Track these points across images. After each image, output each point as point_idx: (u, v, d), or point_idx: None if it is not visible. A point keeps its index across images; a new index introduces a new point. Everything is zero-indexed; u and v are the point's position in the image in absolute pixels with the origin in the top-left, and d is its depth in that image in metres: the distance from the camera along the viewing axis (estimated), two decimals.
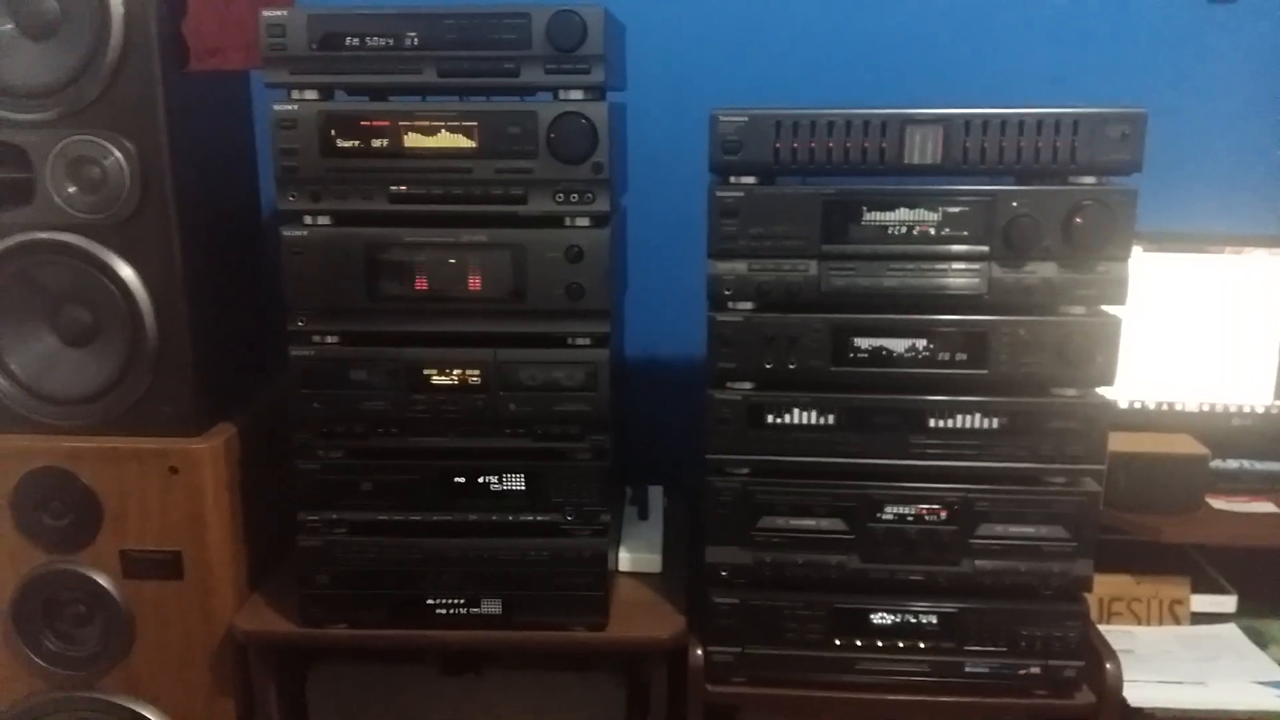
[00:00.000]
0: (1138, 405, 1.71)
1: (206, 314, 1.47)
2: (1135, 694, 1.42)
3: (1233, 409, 1.72)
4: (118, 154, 1.36)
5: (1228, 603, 1.65)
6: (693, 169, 1.64)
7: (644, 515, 1.69)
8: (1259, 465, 1.72)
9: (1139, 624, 1.64)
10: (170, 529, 1.44)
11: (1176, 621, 1.64)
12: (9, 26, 1.36)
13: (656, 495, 1.76)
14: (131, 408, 1.44)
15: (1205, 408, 1.72)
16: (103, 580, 1.46)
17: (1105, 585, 1.61)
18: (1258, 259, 1.67)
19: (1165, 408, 1.72)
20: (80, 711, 1.51)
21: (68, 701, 1.51)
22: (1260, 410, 1.71)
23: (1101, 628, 1.55)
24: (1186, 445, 1.63)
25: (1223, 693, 1.45)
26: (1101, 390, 1.34)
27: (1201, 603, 1.65)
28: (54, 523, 1.45)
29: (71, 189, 1.38)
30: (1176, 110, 1.70)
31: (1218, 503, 1.63)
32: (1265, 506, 1.62)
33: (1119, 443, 1.59)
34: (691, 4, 1.76)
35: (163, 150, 1.37)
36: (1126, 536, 1.58)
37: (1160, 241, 1.66)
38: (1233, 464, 1.71)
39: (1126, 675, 1.41)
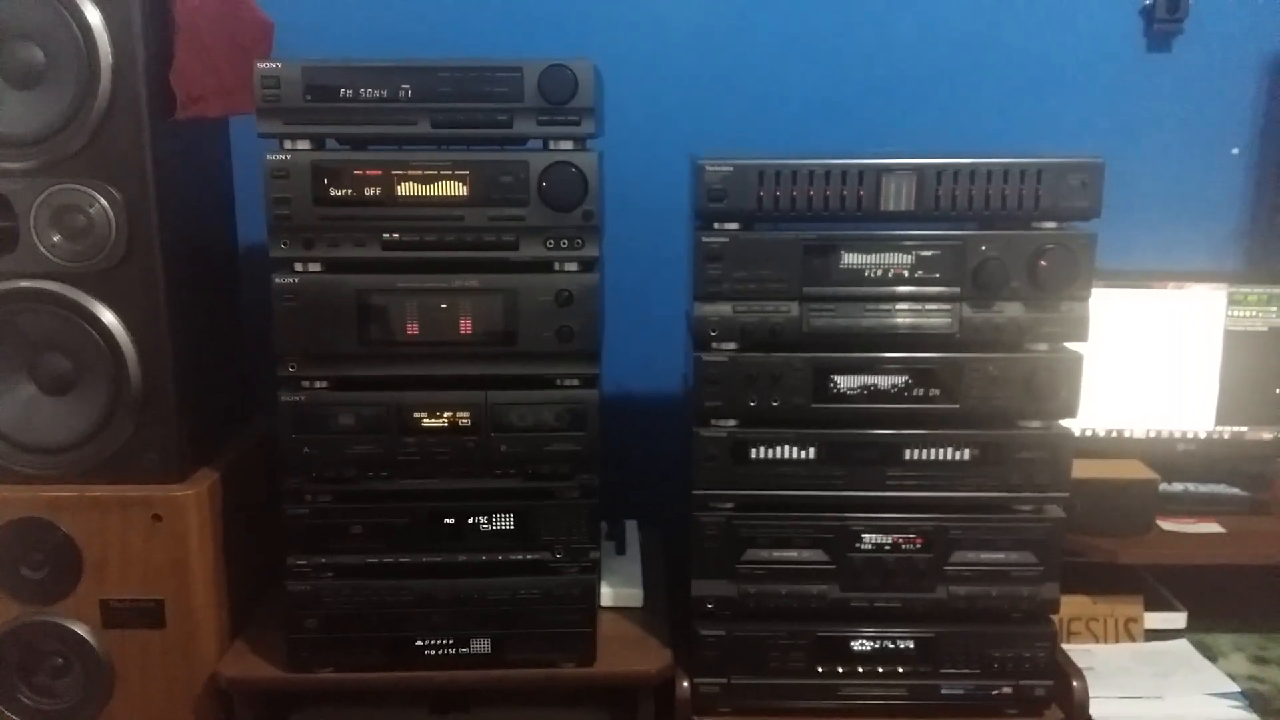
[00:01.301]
0: (1089, 433, 1.80)
1: (189, 360, 1.47)
2: (1099, 710, 1.49)
3: (1177, 434, 1.81)
4: (104, 202, 1.36)
5: (1178, 619, 1.74)
6: (663, 211, 1.71)
7: (621, 550, 1.72)
8: (1203, 488, 1.81)
9: (1097, 642, 1.72)
10: (153, 577, 1.43)
11: (1131, 639, 1.72)
12: None
13: (632, 529, 1.79)
14: (113, 455, 1.43)
15: (1151, 434, 1.81)
16: (82, 631, 1.44)
17: (1065, 606, 1.65)
18: (1197, 293, 1.77)
19: (1115, 434, 1.81)
20: None
21: None
22: (1203, 435, 1.81)
23: (1065, 647, 1.62)
24: (1137, 470, 1.71)
25: (1179, 705, 1.53)
26: (1065, 422, 1.41)
27: (1154, 620, 1.73)
28: (32, 574, 1.43)
29: (56, 237, 1.37)
30: (1119, 155, 1.81)
31: (1167, 524, 1.72)
32: (1211, 526, 1.71)
33: (1075, 469, 1.67)
34: (664, 52, 1.82)
35: (150, 197, 1.38)
36: (1084, 559, 1.66)
37: (1107, 278, 1.75)
38: (1178, 487, 1.80)
39: (1092, 694, 1.49)
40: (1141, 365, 1.78)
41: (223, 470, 1.51)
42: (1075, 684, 1.47)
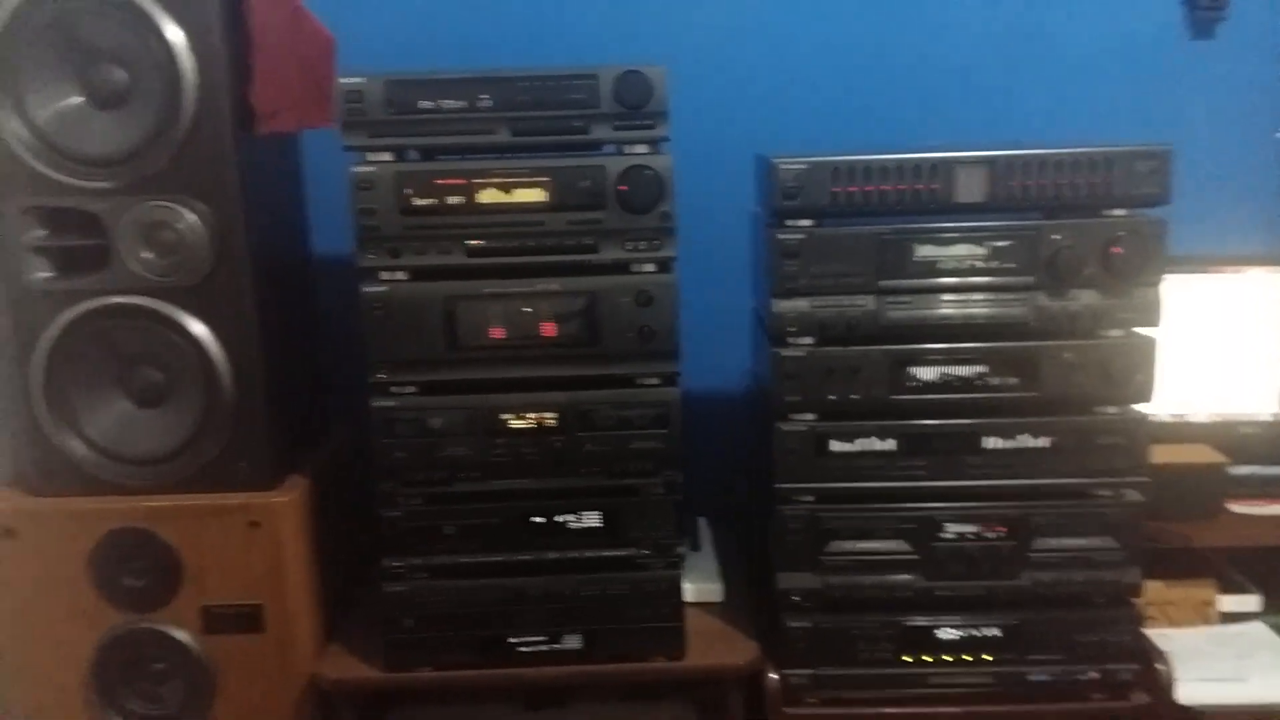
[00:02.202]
0: (1187, 419, 1.80)
1: (278, 368, 1.51)
2: (1183, 693, 1.49)
3: (1241, 418, 1.82)
4: (192, 217, 1.40)
5: (1253, 602, 1.74)
6: (723, 211, 1.73)
7: (696, 546, 1.74)
8: (1269, 469, 1.82)
9: (1173, 627, 1.72)
10: (251, 583, 1.47)
11: (1206, 622, 1.72)
12: (79, 99, 1.40)
13: (704, 526, 1.81)
14: (208, 465, 1.47)
15: (1215, 418, 1.82)
16: (184, 637, 1.48)
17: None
18: (1255, 277, 1.78)
19: (1179, 419, 1.82)
20: None
21: None
22: (1267, 418, 1.81)
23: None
24: (1205, 455, 1.72)
25: (1265, 687, 1.53)
26: (1140, 406, 1.42)
27: (1228, 603, 1.73)
28: (134, 583, 1.47)
29: (145, 253, 1.41)
30: (1180, 140, 1.83)
31: (1237, 507, 1.72)
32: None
33: (1159, 454, 1.68)
34: (724, 55, 1.85)
35: (236, 211, 1.41)
36: (1158, 545, 1.67)
37: (1173, 264, 1.76)
38: (1245, 469, 1.80)
39: (1175, 677, 1.50)
40: (1203, 349, 1.79)
41: (312, 476, 1.55)
42: (1159, 667, 1.48)
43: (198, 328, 1.44)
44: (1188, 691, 1.50)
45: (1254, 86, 1.87)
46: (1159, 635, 1.66)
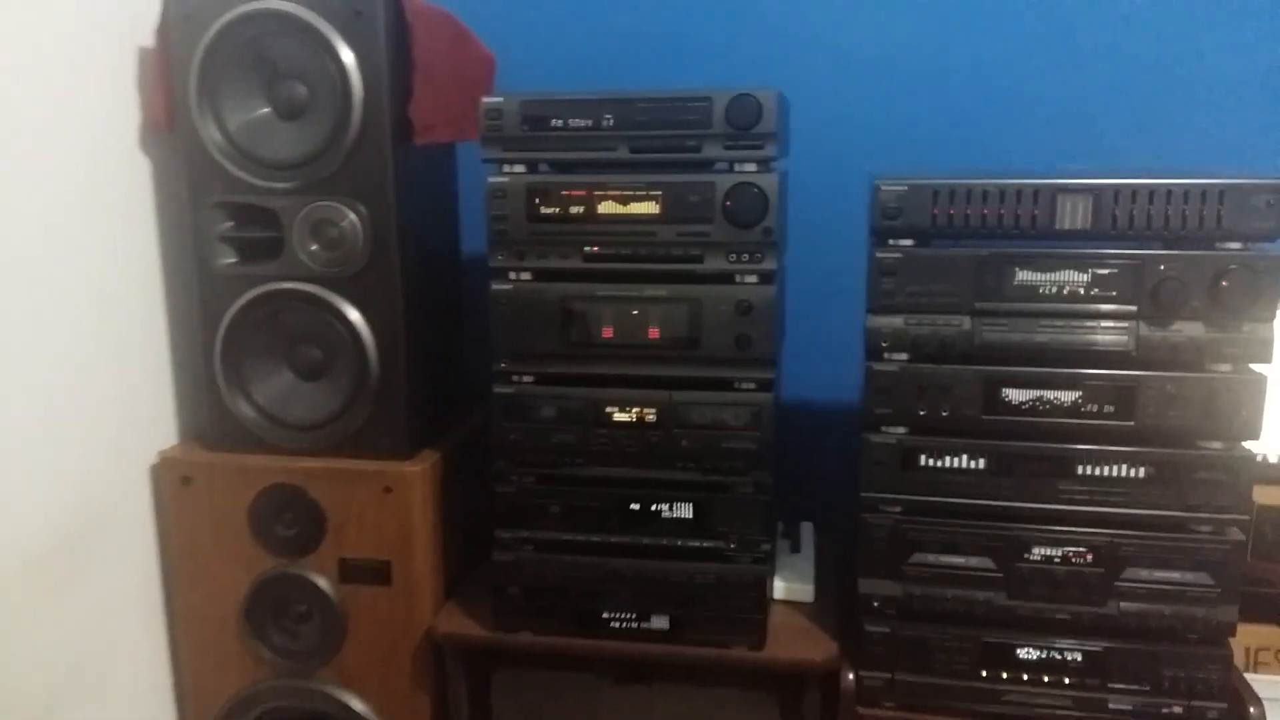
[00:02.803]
0: (1275, 459, 1.74)
1: (420, 354, 1.68)
2: None
3: None
4: (354, 217, 1.59)
5: None
6: (846, 228, 1.79)
7: (796, 548, 1.81)
8: None
9: None
10: (382, 541, 1.65)
11: None
12: (267, 110, 1.61)
13: (808, 530, 1.88)
14: (353, 434, 1.66)
15: None
16: (323, 583, 1.67)
17: (1252, 635, 1.65)
18: None
19: None
20: (299, 700, 1.72)
21: (289, 690, 1.72)
22: None
23: (1249, 675, 1.59)
24: None
25: None
26: (1248, 444, 1.40)
27: None
28: (285, 532, 1.67)
29: (313, 246, 1.61)
30: None
31: None
32: None
33: (1266, 496, 1.63)
34: (848, 78, 1.90)
35: (391, 213, 1.59)
36: (1272, 589, 1.62)
37: None
38: None
39: None
40: None
41: (444, 451, 1.72)
42: (1252, 710, 1.45)
43: (353, 314, 1.63)
44: None
45: None
46: (1268, 682, 1.62)
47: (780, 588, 1.70)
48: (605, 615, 1.57)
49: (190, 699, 1.78)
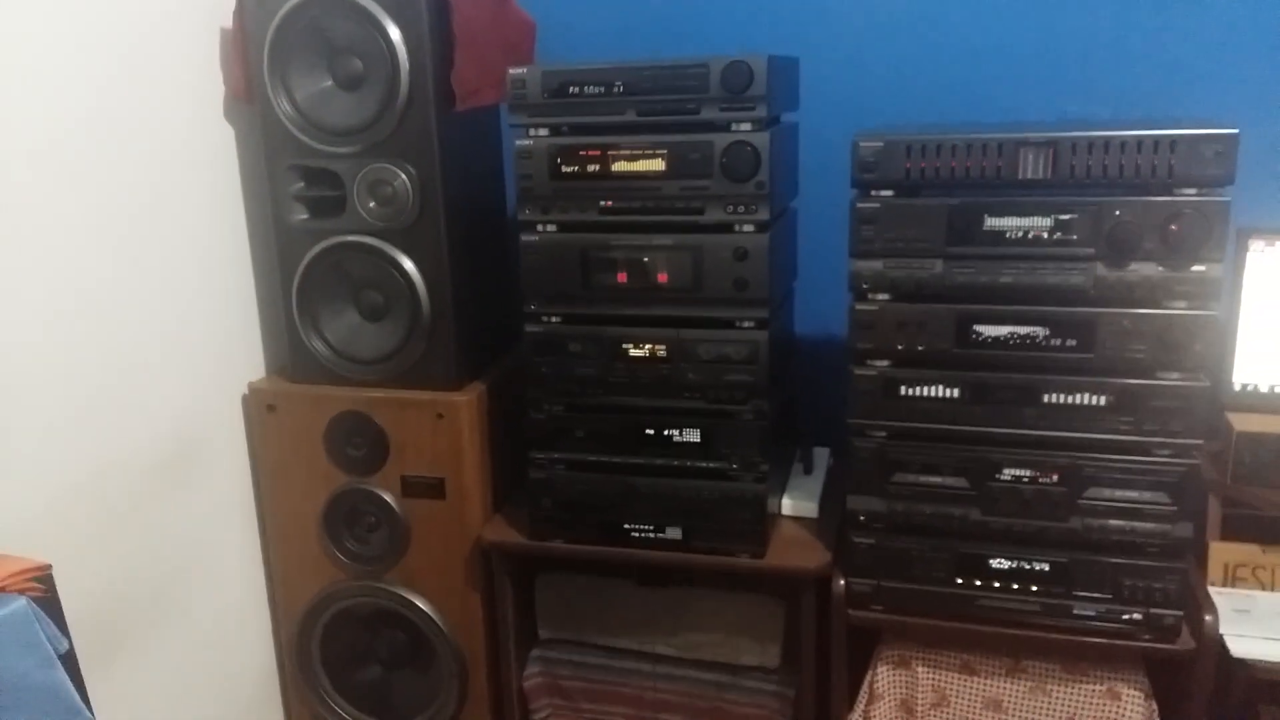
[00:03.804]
0: (1278, 389, 1.83)
1: (466, 298, 1.90)
2: (1240, 647, 1.58)
3: None
4: (404, 177, 1.81)
5: None
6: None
7: (808, 470, 1.99)
8: None
9: (1262, 590, 1.78)
10: (437, 460, 1.89)
11: None
12: (329, 82, 1.83)
13: (823, 455, 2.05)
14: (410, 368, 1.89)
15: None
16: (388, 497, 1.93)
17: (1232, 552, 1.76)
18: None
19: None
20: (370, 597, 2.00)
21: (362, 589, 2.00)
22: None
23: (1225, 589, 1.72)
24: None
25: None
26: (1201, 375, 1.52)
27: None
28: (354, 453, 1.93)
29: (371, 203, 1.83)
30: None
31: None
32: None
33: (1244, 423, 1.74)
34: (855, 36, 2.03)
35: (436, 173, 1.80)
36: (1252, 511, 1.74)
37: None
38: None
39: (1238, 632, 1.59)
40: None
41: (489, 383, 1.94)
42: (1207, 617, 1.58)
43: (407, 263, 1.85)
44: (1243, 646, 1.59)
45: None
46: (1243, 595, 1.74)
47: (788, 505, 1.89)
48: (626, 526, 1.79)
49: (280, 595, 2.07)
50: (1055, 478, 1.59)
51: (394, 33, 1.75)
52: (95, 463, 1.68)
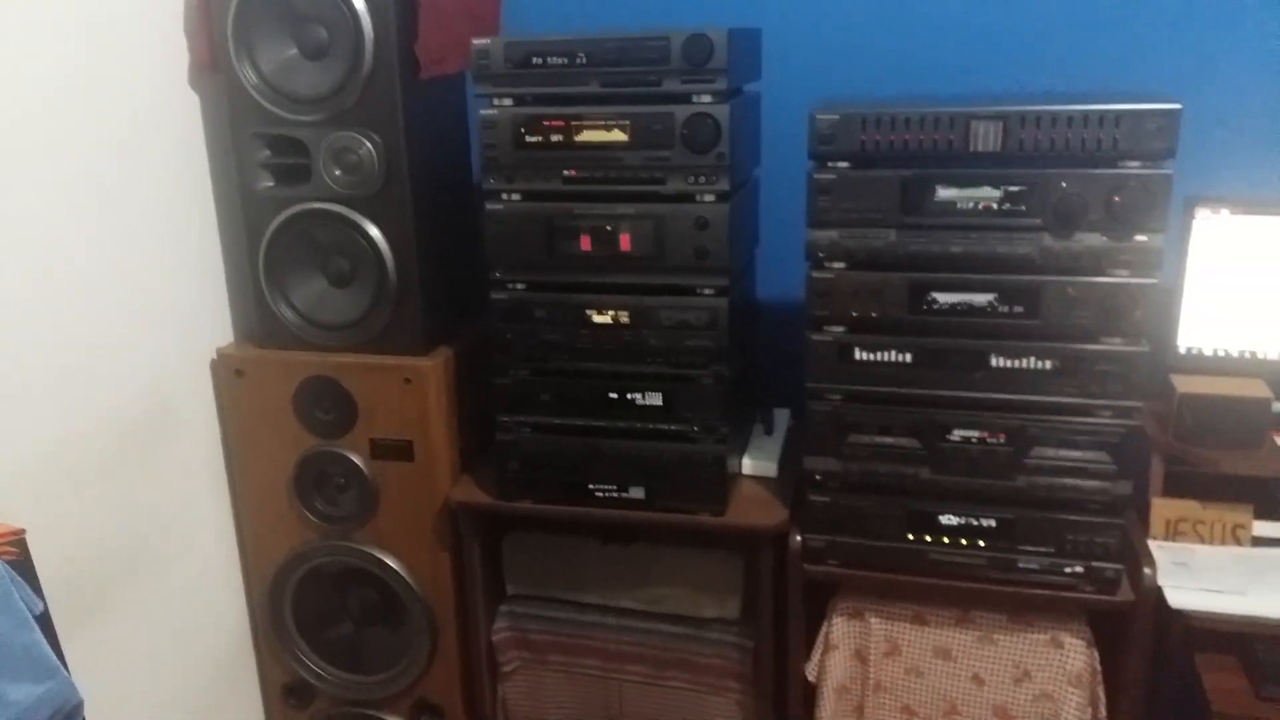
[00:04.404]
0: (1221, 353, 1.90)
1: (431, 264, 1.93)
2: (1178, 598, 1.66)
3: None
4: (369, 145, 1.82)
5: None
6: None
7: (769, 431, 2.05)
8: None
9: (1201, 544, 1.86)
10: (405, 424, 1.93)
11: (1238, 544, 1.85)
12: (294, 51, 1.84)
13: (783, 416, 2.11)
14: (377, 334, 1.92)
15: None
16: (357, 459, 1.97)
17: (1173, 508, 1.84)
18: None
19: (1248, 355, 1.91)
20: (340, 556, 2.05)
21: (332, 548, 2.04)
22: None
23: (1165, 543, 1.80)
24: (1255, 389, 1.82)
25: (1259, 604, 1.67)
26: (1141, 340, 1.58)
27: (1263, 528, 1.85)
28: (323, 416, 1.96)
29: (336, 171, 1.85)
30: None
31: None
32: None
33: (1186, 385, 1.82)
34: (818, 7, 2.05)
35: (401, 141, 1.81)
36: (1191, 468, 1.81)
37: (1250, 206, 1.84)
38: None
39: (1176, 584, 1.67)
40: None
41: (456, 349, 1.98)
42: (1146, 570, 1.67)
43: (373, 230, 1.87)
44: (1180, 597, 1.67)
45: None
46: (1183, 549, 1.83)
47: (748, 464, 1.95)
48: (591, 486, 1.84)
49: (252, 555, 2.12)
50: (1002, 438, 1.65)
51: (359, 1, 1.76)
52: (67, 429, 1.71)
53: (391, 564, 2.02)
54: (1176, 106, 1.48)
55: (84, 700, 1.30)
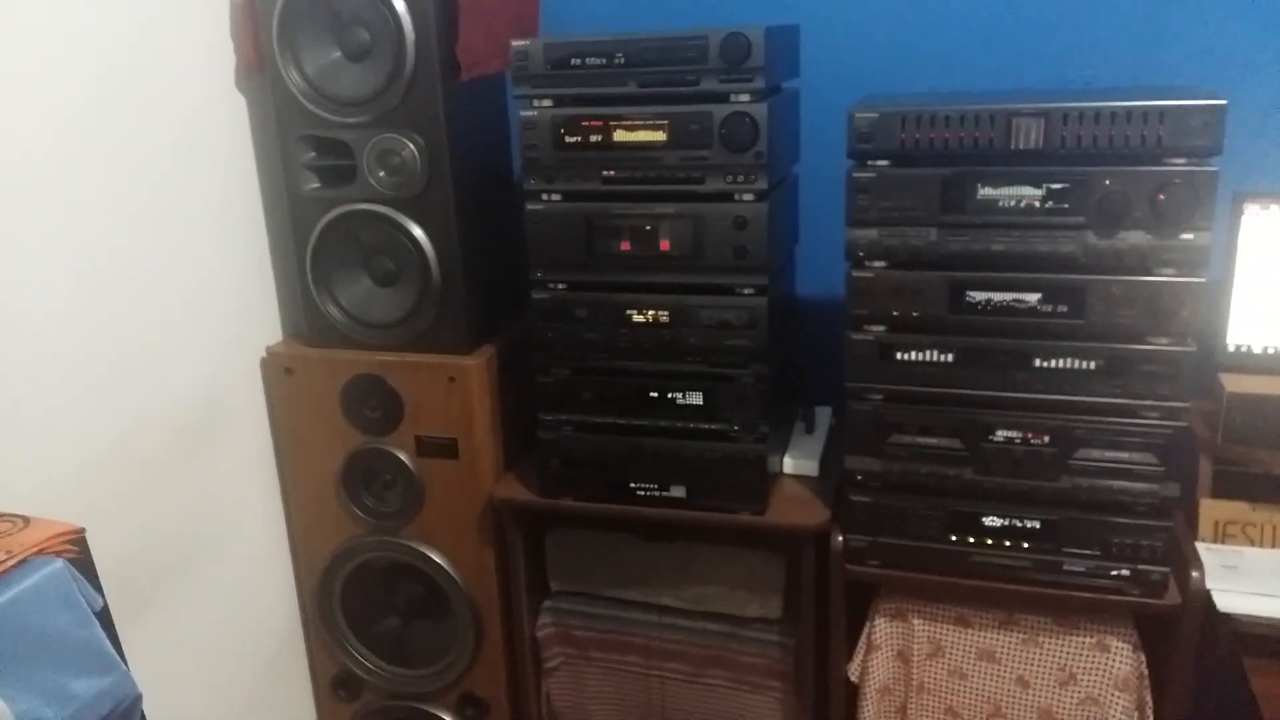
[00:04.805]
0: (1272, 350, 1.86)
1: (474, 264, 1.95)
2: (1226, 601, 1.63)
3: None
4: (412, 146, 1.85)
5: None
6: None
7: (810, 430, 2.05)
8: None
9: (1251, 546, 1.83)
10: (450, 422, 1.95)
11: None
12: (338, 54, 1.86)
13: (825, 414, 2.11)
14: (423, 332, 1.95)
15: None
16: (403, 456, 2.00)
17: (1222, 510, 1.81)
18: None
19: None
20: (387, 552, 2.08)
21: (379, 544, 2.08)
22: None
23: (1214, 546, 1.77)
24: None
25: None
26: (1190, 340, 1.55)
27: None
28: (370, 414, 2.00)
29: (381, 172, 1.88)
30: None
31: None
32: None
33: (1235, 384, 1.78)
34: (857, 1, 2.04)
35: (443, 142, 1.83)
36: (1240, 469, 1.78)
37: None
38: None
39: (1224, 587, 1.64)
40: None
41: (499, 347, 2.00)
42: (1194, 574, 1.64)
43: (416, 230, 1.90)
44: (1229, 601, 1.64)
45: None
46: (1232, 551, 1.79)
47: (789, 463, 1.95)
48: (632, 485, 1.85)
49: (301, 550, 2.16)
50: (1046, 439, 1.64)
51: (399, 4, 1.78)
52: (122, 427, 1.76)
53: (437, 559, 2.05)
54: (1222, 102, 1.44)
55: (142, 694, 1.34)
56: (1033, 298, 1.59)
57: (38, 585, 1.21)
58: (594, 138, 1.71)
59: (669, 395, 1.80)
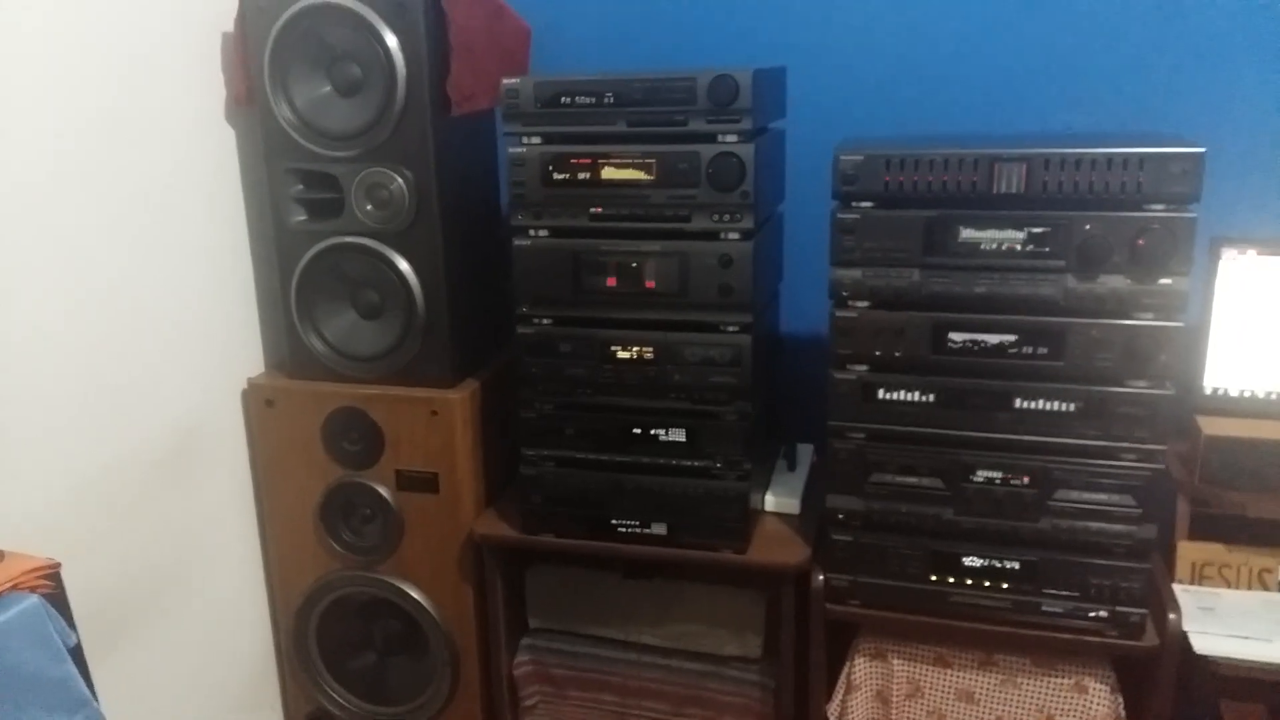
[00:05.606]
0: (1248, 394, 1.89)
1: (459, 298, 1.95)
2: (1203, 644, 1.65)
3: None
4: (400, 180, 1.86)
5: None
6: None
7: (792, 467, 2.05)
8: None
9: (1228, 587, 1.84)
10: (431, 456, 1.95)
11: (1265, 588, 1.83)
12: (328, 88, 1.88)
13: (806, 451, 2.11)
14: (405, 366, 1.95)
15: None
16: (383, 491, 1.99)
17: (1199, 551, 1.82)
18: None
19: (1275, 396, 1.88)
20: (365, 587, 2.06)
21: (356, 579, 2.06)
22: None
23: (1191, 587, 1.78)
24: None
25: None
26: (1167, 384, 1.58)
27: None
28: (350, 447, 1.99)
29: (368, 206, 1.88)
30: None
31: None
32: None
33: (1212, 426, 1.80)
34: (844, 44, 2.07)
35: (431, 177, 1.85)
36: (1215, 511, 1.80)
37: (1277, 247, 1.83)
38: None
39: (1202, 629, 1.65)
40: None
41: (482, 381, 2.00)
42: (1171, 615, 1.65)
43: (403, 264, 1.90)
44: (1206, 643, 1.65)
45: None
46: (1209, 593, 1.81)
47: (770, 501, 1.95)
48: (614, 521, 1.85)
49: (278, 583, 2.14)
50: (1026, 480, 1.65)
51: (391, 40, 1.79)
52: (101, 459, 1.74)
53: (415, 595, 2.03)
54: (1201, 150, 1.48)
55: None
56: (1013, 339, 1.61)
57: (11, 622, 1.19)
58: (582, 175, 1.73)
59: (652, 432, 1.80)
